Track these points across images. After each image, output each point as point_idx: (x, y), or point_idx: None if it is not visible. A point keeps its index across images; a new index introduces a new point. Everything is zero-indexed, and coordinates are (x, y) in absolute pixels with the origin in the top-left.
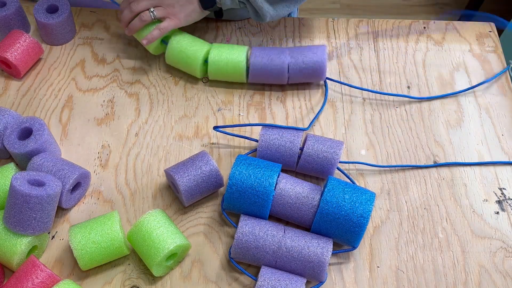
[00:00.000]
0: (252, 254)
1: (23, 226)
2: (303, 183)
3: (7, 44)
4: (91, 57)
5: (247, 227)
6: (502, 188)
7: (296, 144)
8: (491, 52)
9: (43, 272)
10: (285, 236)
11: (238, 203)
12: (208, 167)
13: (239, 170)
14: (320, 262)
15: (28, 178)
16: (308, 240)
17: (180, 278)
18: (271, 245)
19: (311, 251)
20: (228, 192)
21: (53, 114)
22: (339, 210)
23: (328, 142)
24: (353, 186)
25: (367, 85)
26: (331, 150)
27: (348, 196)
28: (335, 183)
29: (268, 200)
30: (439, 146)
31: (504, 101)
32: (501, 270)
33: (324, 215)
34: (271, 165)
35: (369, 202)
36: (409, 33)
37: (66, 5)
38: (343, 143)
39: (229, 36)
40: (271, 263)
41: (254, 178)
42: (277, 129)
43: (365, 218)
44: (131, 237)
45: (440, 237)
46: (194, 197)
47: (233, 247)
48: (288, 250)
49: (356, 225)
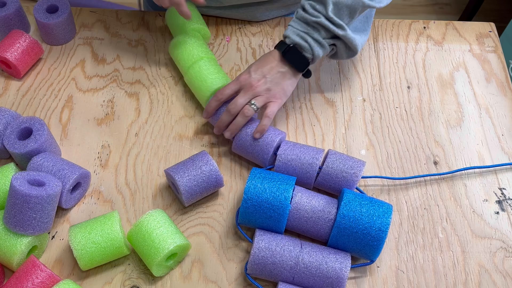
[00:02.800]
0: (269, 270)
1: (23, 226)
2: (319, 196)
3: (7, 44)
4: (91, 57)
5: (263, 242)
6: (502, 188)
7: (315, 167)
8: (491, 52)
9: (43, 272)
10: (302, 251)
11: (253, 218)
12: (208, 167)
13: (254, 184)
14: (338, 278)
15: (28, 178)
16: (326, 255)
17: (180, 278)
18: (289, 261)
19: (329, 266)
20: (243, 206)
21: (53, 114)
22: (357, 224)
23: (349, 161)
24: (369, 199)
25: (367, 85)
26: (351, 171)
27: (365, 209)
28: (352, 196)
29: (284, 215)
30: (439, 146)
31: (504, 101)
32: (501, 270)
33: (341, 230)
34: (286, 178)
35: (387, 215)
36: (409, 33)
37: (66, 5)
38: (364, 163)
39: (229, 36)
40: (289, 279)
41: (269, 192)
42: (296, 148)
43: (383, 232)
44: (131, 237)
45: (440, 237)
46: (194, 197)
47: (250, 263)
48: (306, 265)
49: (374, 239)
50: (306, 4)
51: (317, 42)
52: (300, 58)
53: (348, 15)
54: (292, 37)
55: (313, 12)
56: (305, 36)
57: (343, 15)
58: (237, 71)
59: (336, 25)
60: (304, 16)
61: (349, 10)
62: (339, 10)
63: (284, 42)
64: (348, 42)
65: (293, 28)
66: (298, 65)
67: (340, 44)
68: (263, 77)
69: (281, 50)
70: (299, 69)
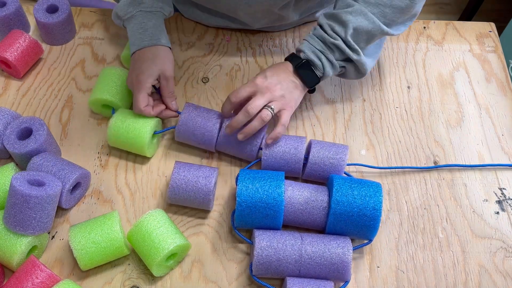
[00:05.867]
0: (274, 267)
1: (23, 226)
2: (309, 187)
3: (7, 44)
4: (91, 57)
5: (264, 241)
6: (502, 188)
7: (301, 151)
8: (491, 52)
9: (43, 272)
10: (304, 243)
11: (250, 219)
12: (204, 181)
13: (245, 185)
14: (343, 262)
15: (28, 178)
16: (327, 242)
17: (180, 278)
18: (292, 255)
19: (333, 253)
20: (238, 210)
21: (53, 114)
22: (351, 208)
23: (333, 147)
24: (358, 180)
25: (367, 85)
26: (337, 156)
27: (357, 191)
28: (341, 181)
29: (280, 211)
30: (439, 146)
31: (504, 101)
32: (501, 270)
33: (337, 216)
34: (275, 174)
35: (378, 193)
36: (409, 33)
37: (66, 5)
38: (348, 147)
39: (229, 36)
40: (295, 273)
41: (262, 191)
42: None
43: (377, 210)
44: (131, 237)
45: (440, 237)
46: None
47: (254, 263)
48: (310, 256)
49: (370, 219)
50: (325, 24)
51: (329, 62)
52: (312, 74)
53: (365, 41)
54: (307, 53)
55: (331, 34)
56: (320, 54)
57: (360, 40)
58: (237, 71)
59: (352, 49)
60: (323, 35)
61: (367, 36)
62: (358, 34)
63: (297, 55)
64: (360, 66)
65: (309, 44)
66: (309, 80)
67: (351, 67)
68: (279, 83)
69: (295, 64)
70: (309, 85)
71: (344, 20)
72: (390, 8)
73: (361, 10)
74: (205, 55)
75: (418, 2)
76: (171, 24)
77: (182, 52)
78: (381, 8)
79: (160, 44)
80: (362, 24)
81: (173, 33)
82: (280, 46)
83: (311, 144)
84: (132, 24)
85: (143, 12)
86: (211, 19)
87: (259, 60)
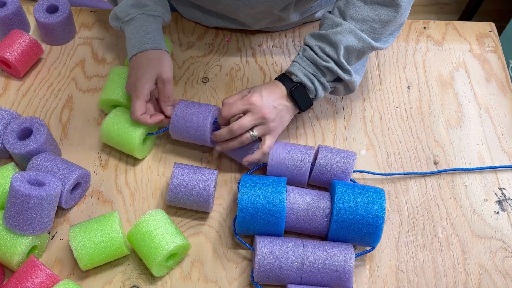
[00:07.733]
0: (276, 274)
1: (23, 226)
2: (311, 192)
3: (7, 44)
4: (91, 57)
5: (266, 248)
6: (502, 188)
7: (307, 163)
8: (491, 52)
9: (43, 272)
10: (306, 249)
11: (251, 225)
12: (203, 185)
13: (247, 191)
14: (345, 270)
15: (28, 178)
16: (329, 249)
17: (180, 278)
18: (294, 262)
19: (335, 260)
20: (239, 216)
21: (53, 114)
22: (354, 215)
23: (341, 152)
24: (361, 187)
25: (367, 85)
26: (344, 160)
27: (360, 198)
28: (344, 188)
29: (281, 217)
30: (439, 146)
31: (504, 101)
32: (501, 270)
33: (339, 223)
34: (276, 180)
35: (381, 200)
36: (409, 33)
37: (66, 5)
38: (356, 154)
39: (229, 37)
40: (297, 280)
41: (263, 197)
42: (288, 146)
43: (380, 218)
44: (131, 237)
45: (440, 237)
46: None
47: (256, 271)
48: (312, 263)
49: (373, 226)
50: (315, 46)
51: (321, 85)
52: (306, 98)
53: (356, 58)
54: (300, 77)
55: (323, 56)
56: (312, 78)
57: (351, 59)
58: (237, 71)
59: (344, 70)
60: (314, 58)
61: (357, 53)
62: (349, 54)
63: (289, 77)
64: (350, 85)
65: (300, 66)
66: (303, 103)
67: (341, 86)
68: (274, 107)
69: (288, 87)
70: (303, 109)
71: (334, 41)
72: (379, 23)
73: (350, 28)
74: (205, 55)
75: (404, 11)
76: (171, 24)
77: (182, 52)
78: (370, 24)
79: (160, 49)
80: (353, 44)
81: (173, 33)
82: (280, 46)
83: (318, 149)
84: (132, 26)
85: (145, 15)
86: (211, 20)
87: (259, 60)
